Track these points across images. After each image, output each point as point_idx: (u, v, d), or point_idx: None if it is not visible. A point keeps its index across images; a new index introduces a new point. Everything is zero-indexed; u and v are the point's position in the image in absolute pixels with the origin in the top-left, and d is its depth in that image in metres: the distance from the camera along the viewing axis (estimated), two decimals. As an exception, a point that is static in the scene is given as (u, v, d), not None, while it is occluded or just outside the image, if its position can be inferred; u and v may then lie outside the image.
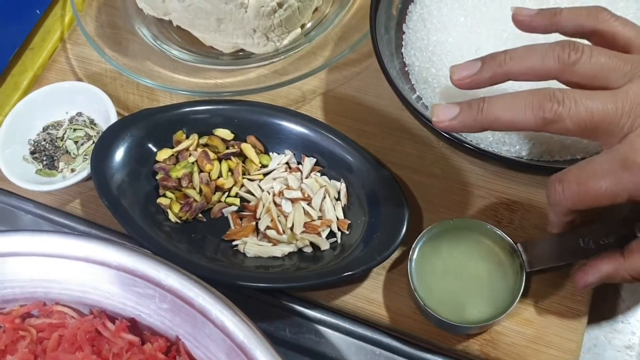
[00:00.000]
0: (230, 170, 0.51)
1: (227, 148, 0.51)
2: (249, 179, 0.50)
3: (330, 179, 0.50)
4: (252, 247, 0.47)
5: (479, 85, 0.40)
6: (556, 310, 0.46)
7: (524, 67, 0.38)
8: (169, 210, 0.49)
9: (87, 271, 0.41)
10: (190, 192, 0.49)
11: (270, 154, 0.52)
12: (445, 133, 0.46)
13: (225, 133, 0.52)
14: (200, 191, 0.50)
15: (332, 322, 0.49)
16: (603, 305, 0.49)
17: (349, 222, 0.48)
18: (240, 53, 0.58)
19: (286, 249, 0.47)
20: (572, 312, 0.46)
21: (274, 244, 0.48)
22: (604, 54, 0.37)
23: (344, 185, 0.50)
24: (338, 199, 0.50)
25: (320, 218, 0.49)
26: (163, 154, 0.51)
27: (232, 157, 0.51)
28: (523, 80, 0.39)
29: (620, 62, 0.37)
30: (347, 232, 0.48)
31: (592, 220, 0.43)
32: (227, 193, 0.51)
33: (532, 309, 0.46)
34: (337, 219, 0.49)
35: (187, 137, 0.52)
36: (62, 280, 0.42)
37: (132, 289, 0.40)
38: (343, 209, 0.49)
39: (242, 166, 0.51)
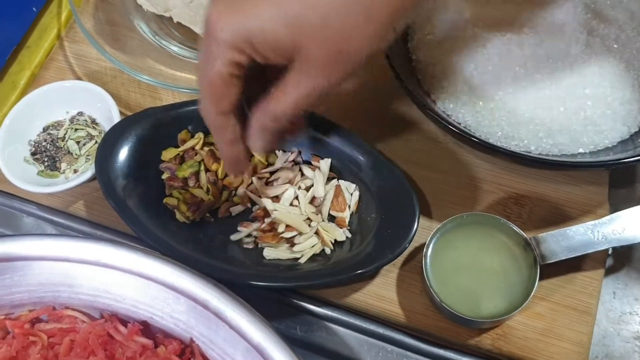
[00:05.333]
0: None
1: None
2: (257, 177, 0.50)
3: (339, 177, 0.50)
4: (271, 251, 0.47)
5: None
6: (567, 304, 0.47)
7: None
8: (176, 211, 0.48)
9: (98, 275, 0.40)
10: (198, 191, 0.49)
11: (276, 151, 0.52)
12: (452, 127, 0.46)
13: None
14: (208, 190, 0.49)
15: (343, 320, 0.48)
16: (612, 298, 0.50)
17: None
18: (243, 49, 0.58)
19: (307, 251, 0.47)
20: (583, 305, 0.46)
21: (292, 246, 0.47)
22: None
23: (357, 191, 0.49)
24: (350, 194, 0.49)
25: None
26: (168, 154, 0.50)
27: None
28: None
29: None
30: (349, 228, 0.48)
31: None
32: (234, 192, 0.50)
33: (543, 302, 0.47)
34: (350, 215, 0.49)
35: (193, 136, 0.51)
36: (72, 284, 0.41)
37: (145, 292, 0.40)
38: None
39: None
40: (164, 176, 0.50)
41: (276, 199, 0.49)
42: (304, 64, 0.34)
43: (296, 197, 0.49)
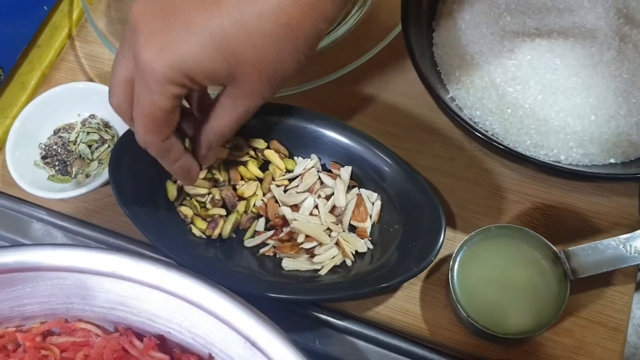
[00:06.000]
0: (257, 178, 0.49)
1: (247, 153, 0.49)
2: (276, 185, 0.48)
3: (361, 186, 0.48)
4: (290, 262, 0.46)
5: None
6: (596, 320, 0.45)
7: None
8: (191, 226, 0.47)
9: (113, 287, 0.39)
10: (215, 211, 0.47)
11: (295, 158, 0.50)
12: (480, 134, 0.45)
13: (260, 142, 0.49)
14: (224, 204, 0.48)
15: (364, 333, 0.47)
16: (641, 313, 0.48)
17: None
18: (260, 51, 0.56)
19: (327, 262, 0.45)
20: (613, 321, 0.45)
21: (312, 256, 0.46)
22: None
23: (378, 200, 0.48)
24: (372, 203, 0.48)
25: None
26: (184, 159, 0.48)
27: (248, 162, 0.49)
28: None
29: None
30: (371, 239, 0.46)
31: None
32: (253, 202, 0.48)
33: (572, 318, 0.45)
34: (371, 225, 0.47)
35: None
36: (85, 295, 0.39)
37: (162, 305, 0.38)
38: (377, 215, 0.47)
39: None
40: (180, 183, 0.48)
41: (295, 207, 0.48)
42: (238, 89, 0.37)
43: (316, 206, 0.47)
